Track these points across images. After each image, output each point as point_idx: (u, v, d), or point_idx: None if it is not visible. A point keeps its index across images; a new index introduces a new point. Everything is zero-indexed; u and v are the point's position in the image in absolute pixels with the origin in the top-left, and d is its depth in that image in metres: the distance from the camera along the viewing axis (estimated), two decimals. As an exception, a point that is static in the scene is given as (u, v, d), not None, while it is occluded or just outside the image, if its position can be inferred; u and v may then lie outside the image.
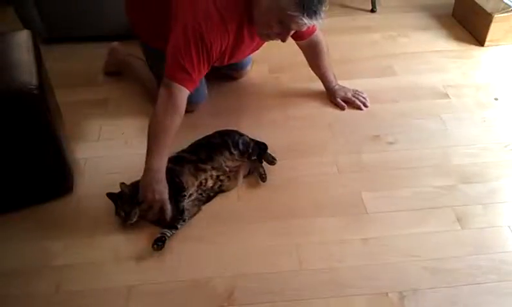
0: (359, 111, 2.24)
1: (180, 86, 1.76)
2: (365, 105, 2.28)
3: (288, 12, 1.69)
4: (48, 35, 2.64)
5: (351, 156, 2.01)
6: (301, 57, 2.25)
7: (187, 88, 1.78)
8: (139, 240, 1.70)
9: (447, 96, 2.32)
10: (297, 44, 2.19)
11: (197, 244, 1.69)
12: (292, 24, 1.76)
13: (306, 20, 1.70)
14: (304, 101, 2.31)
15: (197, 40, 1.74)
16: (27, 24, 2.52)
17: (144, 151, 2.02)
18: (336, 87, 2.31)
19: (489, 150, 2.02)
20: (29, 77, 1.64)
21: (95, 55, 2.58)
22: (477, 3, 2.69)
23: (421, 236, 1.69)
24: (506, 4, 2.61)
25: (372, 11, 3.01)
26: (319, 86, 2.36)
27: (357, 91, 2.32)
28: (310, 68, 2.29)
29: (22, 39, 1.83)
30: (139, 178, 1.77)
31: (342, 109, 2.27)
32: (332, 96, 2.32)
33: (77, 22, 2.63)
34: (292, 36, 1.95)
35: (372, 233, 1.71)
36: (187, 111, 2.20)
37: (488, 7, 2.63)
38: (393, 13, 3.02)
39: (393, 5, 3.09)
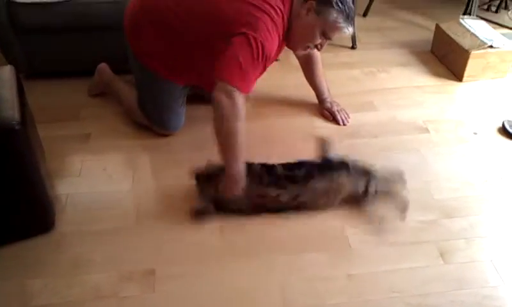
0: (342, 146, 2.24)
1: (239, 92, 1.81)
2: (344, 123, 2.41)
3: (337, 24, 1.95)
4: (31, 70, 2.63)
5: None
6: (283, 93, 2.30)
7: (245, 93, 1.84)
8: (121, 278, 1.67)
9: (426, 130, 2.36)
10: (296, 54, 2.33)
11: (178, 282, 1.66)
12: (335, 34, 1.98)
13: (349, 29, 1.99)
14: (288, 136, 2.32)
15: (258, 49, 1.83)
16: (10, 59, 2.52)
17: (126, 186, 2.04)
18: (328, 99, 2.46)
19: (470, 184, 2.05)
20: (11, 113, 1.62)
21: (78, 90, 2.58)
22: (454, 40, 2.76)
23: (404, 272, 1.69)
24: (482, 41, 2.68)
25: (353, 47, 3.07)
26: (301, 121, 2.40)
27: (343, 109, 2.46)
28: (291, 105, 2.37)
29: (5, 74, 1.82)
30: (121, 213, 1.75)
31: (327, 119, 2.44)
32: (320, 107, 2.49)
33: (60, 57, 2.63)
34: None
35: (356, 268, 1.71)
36: (162, 135, 2.26)
37: (465, 44, 2.70)
38: (372, 49, 3.08)
39: (372, 42, 3.16)
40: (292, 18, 1.97)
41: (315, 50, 2.17)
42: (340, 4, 1.94)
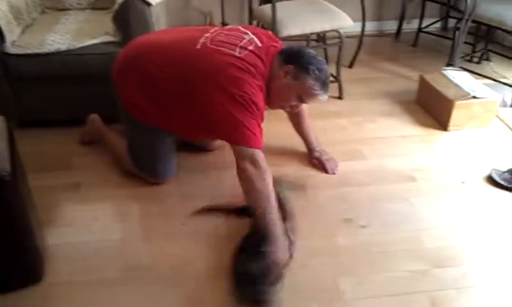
0: (331, 194, 2.27)
1: (257, 150, 1.91)
2: (333, 172, 2.43)
3: (313, 91, 2.03)
4: (23, 119, 2.65)
5: (325, 240, 2.01)
6: (272, 142, 2.32)
7: (260, 149, 1.93)
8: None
9: (414, 179, 2.39)
10: None
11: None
12: (310, 99, 2.07)
13: (324, 97, 2.07)
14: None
15: (251, 105, 1.89)
16: (1, 109, 2.51)
17: (115, 236, 2.03)
18: (316, 148, 2.49)
19: (459, 233, 2.07)
20: (2, 164, 1.62)
21: (69, 139, 2.60)
22: (439, 91, 2.83)
23: (398, 323, 1.68)
24: (466, 91, 2.75)
25: (340, 97, 3.13)
26: (291, 170, 2.43)
27: (332, 158, 2.49)
28: (281, 154, 2.48)
29: (-4, 125, 1.83)
30: (110, 263, 1.79)
31: (316, 168, 2.46)
32: (309, 156, 2.51)
33: (52, 106, 2.65)
34: None
35: (349, 320, 1.69)
36: (152, 183, 2.29)
37: (449, 95, 2.77)
38: (359, 100, 3.13)
39: (359, 92, 3.22)
40: (270, 77, 2.03)
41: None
42: (317, 72, 2.01)
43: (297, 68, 2.02)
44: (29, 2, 2.81)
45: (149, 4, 2.47)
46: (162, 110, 2.09)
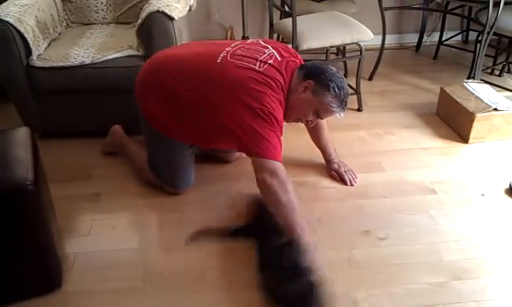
0: (349, 206, 2.26)
1: (277, 162, 1.92)
2: (351, 183, 2.43)
3: (330, 107, 2.06)
4: (46, 130, 2.72)
5: (342, 252, 2.00)
6: (290, 154, 2.32)
7: (280, 161, 1.94)
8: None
9: (434, 192, 2.37)
10: None
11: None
12: (327, 115, 2.11)
13: (341, 114, 2.09)
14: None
15: (271, 118, 1.92)
16: (26, 120, 2.62)
17: (134, 246, 2.04)
18: (335, 160, 2.49)
19: (479, 246, 2.04)
20: (25, 173, 1.66)
21: (90, 150, 2.65)
22: (459, 103, 2.81)
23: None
24: (486, 104, 2.73)
25: (359, 110, 3.13)
26: (308, 179, 2.43)
27: (351, 169, 2.48)
28: (299, 166, 2.49)
29: (21, 136, 1.88)
30: (129, 273, 1.80)
31: (334, 179, 2.46)
32: (328, 167, 2.51)
33: (75, 118, 2.72)
34: None
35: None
36: (172, 194, 2.32)
37: (470, 107, 2.74)
38: (378, 112, 3.13)
39: (378, 105, 3.21)
40: (289, 91, 2.06)
41: None
42: (336, 90, 2.04)
43: (317, 84, 2.04)
44: (55, 17, 2.89)
45: (172, 19, 2.51)
46: (183, 123, 2.12)
